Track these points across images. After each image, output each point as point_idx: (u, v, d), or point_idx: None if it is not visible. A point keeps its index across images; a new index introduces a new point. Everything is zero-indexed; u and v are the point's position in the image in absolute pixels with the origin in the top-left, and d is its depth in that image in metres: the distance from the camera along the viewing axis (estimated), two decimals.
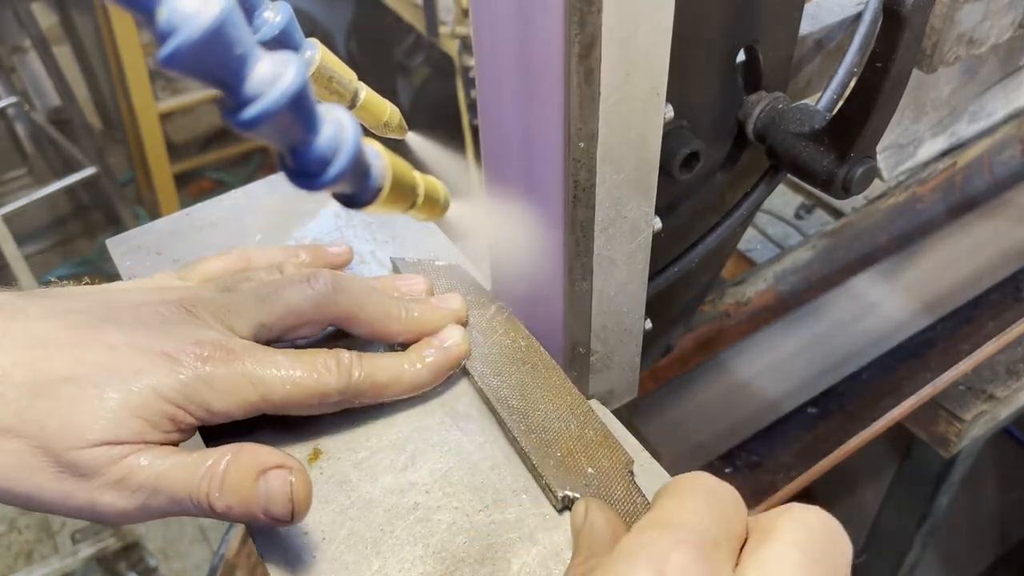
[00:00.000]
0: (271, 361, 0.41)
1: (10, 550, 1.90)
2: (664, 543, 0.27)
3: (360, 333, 0.46)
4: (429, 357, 0.45)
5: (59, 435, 0.36)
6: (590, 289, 0.42)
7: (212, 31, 0.24)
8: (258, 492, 0.37)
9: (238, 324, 0.42)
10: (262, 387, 0.40)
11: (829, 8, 0.54)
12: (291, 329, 0.44)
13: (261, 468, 0.37)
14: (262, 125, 0.27)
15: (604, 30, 0.33)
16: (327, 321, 0.45)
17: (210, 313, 0.42)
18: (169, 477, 0.37)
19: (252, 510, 0.37)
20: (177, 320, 0.41)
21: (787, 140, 0.46)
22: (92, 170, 2.04)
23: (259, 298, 0.43)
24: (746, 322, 0.85)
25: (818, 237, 0.91)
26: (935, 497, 0.95)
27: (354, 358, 0.43)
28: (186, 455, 0.38)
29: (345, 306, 0.44)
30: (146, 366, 0.38)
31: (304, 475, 0.38)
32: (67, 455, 0.36)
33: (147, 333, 0.40)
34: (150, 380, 0.38)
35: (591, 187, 0.38)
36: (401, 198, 0.37)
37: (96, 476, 0.37)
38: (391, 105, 0.50)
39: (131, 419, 0.37)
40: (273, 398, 0.40)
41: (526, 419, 0.44)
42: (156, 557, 1.81)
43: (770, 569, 0.27)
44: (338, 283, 0.45)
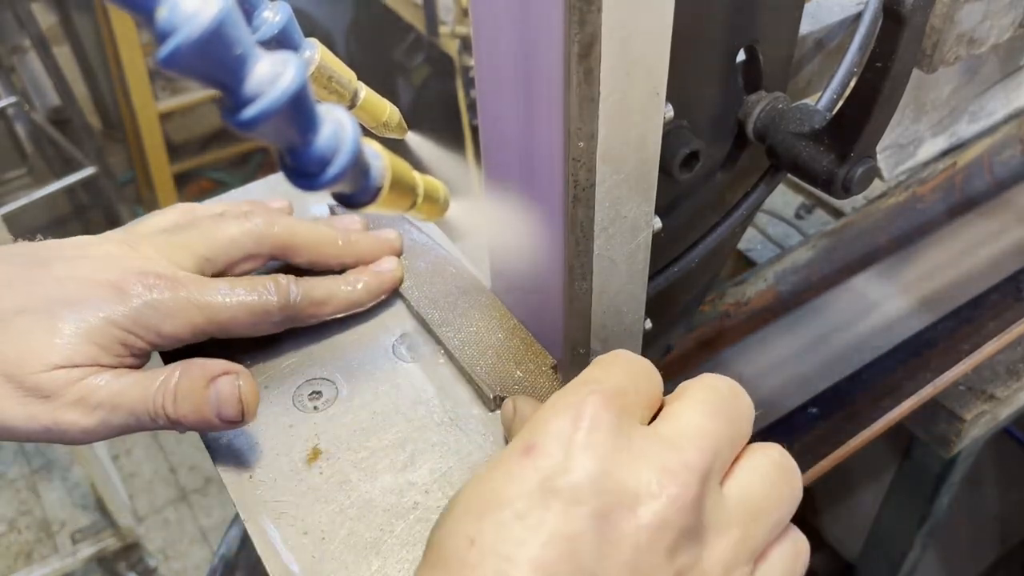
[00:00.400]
0: (214, 287, 0.44)
1: (10, 550, 1.90)
2: (581, 393, 0.30)
3: (298, 262, 0.49)
4: (363, 278, 0.49)
5: (19, 362, 0.39)
6: (590, 289, 0.42)
7: (211, 31, 0.24)
8: (209, 397, 0.40)
9: (182, 259, 0.45)
10: (207, 309, 0.43)
11: (829, 8, 0.54)
12: (234, 262, 0.47)
13: (210, 375, 0.40)
14: (261, 125, 0.27)
15: (604, 30, 0.33)
16: (266, 252, 0.48)
17: (154, 249, 0.45)
18: (126, 394, 0.40)
19: (205, 415, 0.40)
20: (122, 255, 0.44)
21: (787, 140, 0.46)
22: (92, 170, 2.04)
23: (201, 234, 0.46)
24: (746, 322, 0.85)
25: (818, 237, 0.91)
26: (935, 497, 0.95)
27: (291, 279, 0.46)
28: (140, 374, 0.42)
29: (280, 235, 0.47)
30: (94, 295, 0.41)
31: (250, 378, 0.41)
32: (28, 379, 0.39)
33: (94, 267, 0.42)
34: (100, 308, 0.41)
35: (591, 187, 0.38)
36: (401, 198, 0.37)
37: (57, 396, 0.39)
38: (391, 105, 0.50)
39: (85, 344, 0.40)
40: (219, 318, 0.43)
41: (459, 334, 0.49)
42: (156, 557, 1.81)
43: (680, 421, 0.30)
44: (274, 216, 0.48)
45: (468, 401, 0.47)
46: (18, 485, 2.02)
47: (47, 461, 2.06)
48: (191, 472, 2.06)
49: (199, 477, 2.04)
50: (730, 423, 0.31)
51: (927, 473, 0.94)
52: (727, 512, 0.30)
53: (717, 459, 0.30)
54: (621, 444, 0.29)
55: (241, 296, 0.44)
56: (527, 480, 0.28)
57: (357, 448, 0.45)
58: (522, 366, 0.47)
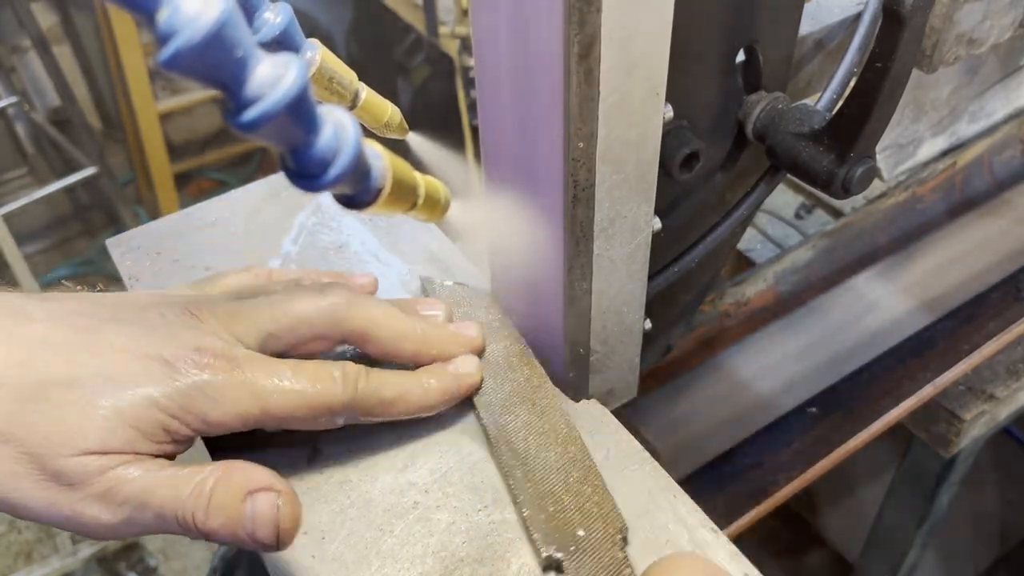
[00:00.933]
0: (274, 371, 0.39)
1: (10, 550, 1.90)
2: None
3: (372, 352, 0.44)
4: (439, 380, 0.44)
5: (47, 441, 0.35)
6: (590, 289, 0.42)
7: (213, 33, 0.24)
8: (244, 514, 0.35)
9: (245, 333, 0.40)
10: (263, 398, 0.38)
11: (829, 8, 0.54)
12: (301, 342, 0.42)
13: (249, 489, 0.36)
14: (263, 127, 0.27)
15: (604, 30, 0.33)
16: (339, 337, 0.43)
17: (216, 319, 0.40)
18: (156, 492, 0.36)
19: (238, 532, 0.36)
20: (181, 324, 0.40)
21: (787, 140, 0.46)
22: (92, 170, 2.04)
23: (269, 306, 0.42)
24: (746, 322, 0.85)
25: (818, 237, 0.91)
26: (935, 497, 0.95)
27: (361, 371, 0.41)
28: (176, 469, 0.37)
29: (358, 321, 0.43)
30: (142, 372, 0.37)
31: (293, 500, 0.36)
32: (53, 463, 0.35)
33: (148, 337, 0.38)
34: (145, 387, 0.37)
35: (591, 187, 0.38)
36: (402, 199, 0.37)
37: (82, 487, 0.36)
38: (392, 105, 0.50)
39: (122, 427, 0.36)
40: (274, 411, 0.39)
41: (525, 465, 0.43)
42: (156, 557, 1.81)
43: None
44: (353, 298, 0.43)
45: (461, 408, 0.47)
46: None
47: None
48: None
49: None
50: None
51: (927, 473, 0.94)
52: None
53: None
54: None
55: (303, 384, 0.39)
56: None
57: (357, 448, 0.45)
58: (587, 525, 0.40)
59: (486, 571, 0.39)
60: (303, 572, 0.39)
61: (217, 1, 0.24)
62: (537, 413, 0.45)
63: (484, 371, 0.47)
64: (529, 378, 0.47)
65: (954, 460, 0.90)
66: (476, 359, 0.46)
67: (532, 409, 0.45)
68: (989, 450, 1.09)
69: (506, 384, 0.46)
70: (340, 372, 0.40)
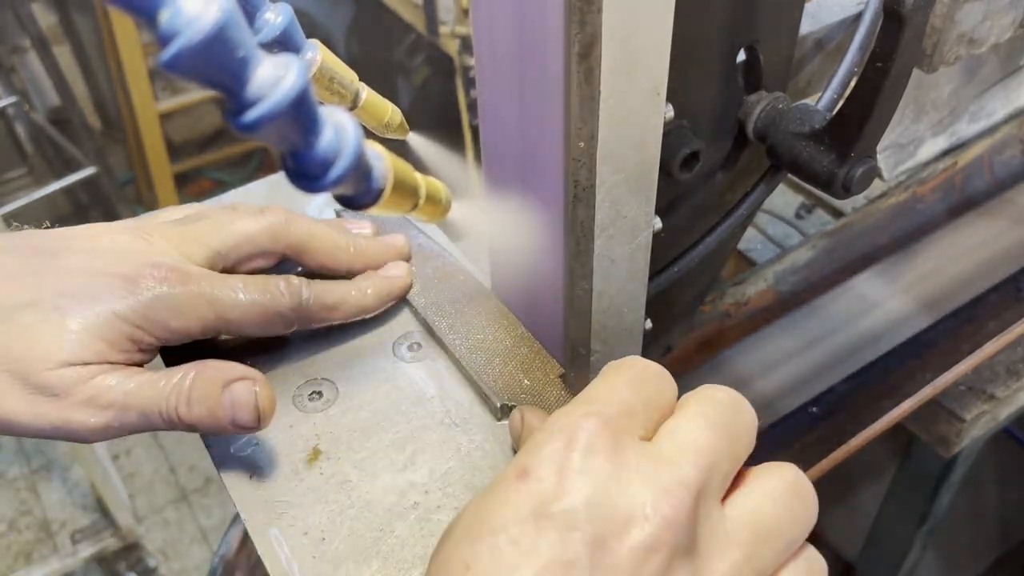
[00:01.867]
0: (226, 283, 0.43)
1: (10, 550, 1.90)
2: (576, 415, 0.30)
3: (310, 264, 0.48)
4: (374, 284, 0.49)
5: (26, 358, 0.38)
6: (590, 289, 0.42)
7: (214, 34, 0.24)
8: (224, 402, 0.39)
9: (194, 251, 0.44)
10: (218, 306, 0.42)
11: (829, 8, 0.54)
12: (245, 258, 0.46)
13: (226, 380, 0.39)
14: (263, 128, 0.27)
15: (604, 30, 0.33)
16: (280, 251, 0.47)
17: (166, 240, 0.44)
18: (137, 394, 0.39)
19: (220, 420, 0.39)
20: (133, 246, 0.43)
21: (787, 140, 0.46)
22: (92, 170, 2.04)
23: (214, 226, 0.45)
24: (746, 322, 0.85)
25: (818, 237, 0.91)
26: (935, 497, 0.95)
27: (304, 281, 0.45)
28: (152, 373, 0.40)
29: (296, 235, 0.47)
30: (104, 289, 0.40)
31: (267, 384, 0.40)
32: (36, 377, 0.38)
33: (103, 258, 0.41)
34: (108, 302, 0.40)
35: (591, 187, 0.38)
36: (403, 200, 0.37)
37: (67, 395, 0.38)
38: (392, 106, 0.50)
39: (93, 340, 0.39)
40: (229, 316, 0.43)
41: (466, 341, 0.48)
42: (156, 557, 1.81)
43: (678, 436, 0.30)
44: (290, 216, 0.47)
45: (469, 402, 0.47)
46: (18, 485, 2.02)
47: (47, 461, 2.06)
48: (191, 472, 2.06)
49: (199, 477, 2.04)
50: (730, 437, 0.31)
51: (927, 473, 0.94)
52: (728, 531, 0.29)
53: (715, 475, 0.29)
54: (616, 466, 0.28)
55: (253, 295, 0.43)
56: (521, 505, 0.28)
57: (357, 448, 0.45)
58: (529, 374, 0.47)
59: None
60: (303, 572, 0.39)
61: (218, 2, 0.24)
62: (470, 300, 0.51)
63: (417, 285, 0.52)
64: (463, 280, 0.52)
65: (954, 460, 0.90)
66: (406, 264, 0.51)
67: (464, 297, 0.51)
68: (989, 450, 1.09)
69: (440, 292, 0.52)
70: (285, 283, 0.45)
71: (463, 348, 0.48)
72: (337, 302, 0.47)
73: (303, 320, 0.46)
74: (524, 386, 0.46)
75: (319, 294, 0.46)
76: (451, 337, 0.49)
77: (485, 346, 0.48)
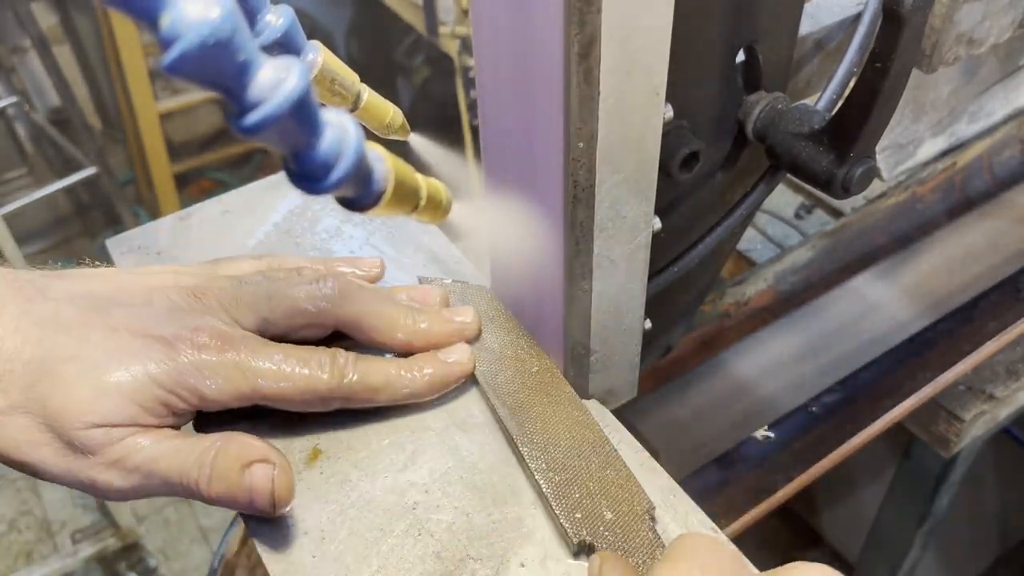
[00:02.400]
0: (266, 354, 0.41)
1: (10, 550, 1.90)
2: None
3: (364, 340, 0.46)
4: (428, 368, 0.45)
5: (60, 414, 0.38)
6: (590, 289, 0.43)
7: (215, 38, 0.24)
8: (244, 483, 0.39)
9: (244, 316, 0.43)
10: (253, 378, 0.41)
11: (829, 8, 0.54)
12: (296, 328, 0.44)
13: (247, 460, 0.39)
14: (265, 131, 0.27)
15: (604, 30, 0.33)
16: (331, 324, 0.45)
17: (218, 302, 0.43)
18: (162, 461, 0.39)
19: (238, 499, 0.39)
20: (184, 306, 0.42)
21: (787, 140, 0.47)
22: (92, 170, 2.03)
23: (268, 294, 0.44)
24: (746, 322, 0.85)
25: (818, 237, 0.92)
26: (935, 497, 0.95)
27: (351, 358, 0.43)
28: (180, 440, 0.40)
29: (351, 310, 0.45)
30: (142, 350, 0.40)
31: (286, 471, 0.39)
32: (68, 433, 0.38)
33: (151, 318, 0.41)
34: (145, 364, 0.39)
35: (591, 187, 0.38)
36: (404, 201, 0.37)
37: (95, 455, 0.39)
38: (393, 107, 0.50)
39: (126, 403, 0.39)
40: (265, 391, 0.41)
41: (546, 455, 0.43)
42: (156, 557, 1.81)
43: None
44: (347, 288, 0.45)
45: (469, 402, 0.47)
46: (18, 485, 2.02)
47: None
48: None
49: None
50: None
51: (927, 473, 0.94)
52: None
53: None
54: None
55: (292, 368, 0.41)
56: None
57: (357, 448, 0.45)
58: (615, 508, 0.41)
59: (487, 571, 0.39)
60: (303, 572, 0.39)
61: (219, 5, 0.24)
62: (552, 402, 0.46)
63: (489, 360, 0.47)
64: (540, 370, 0.48)
65: (954, 460, 0.90)
66: (468, 347, 0.47)
67: (546, 399, 0.46)
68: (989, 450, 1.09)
69: (515, 374, 0.47)
70: (329, 357, 0.42)
71: (542, 463, 0.42)
72: (383, 385, 0.44)
73: (344, 400, 0.43)
74: (607, 520, 0.40)
75: (364, 374, 0.43)
76: (528, 449, 0.43)
77: (566, 462, 0.43)
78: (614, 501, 0.41)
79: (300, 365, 0.42)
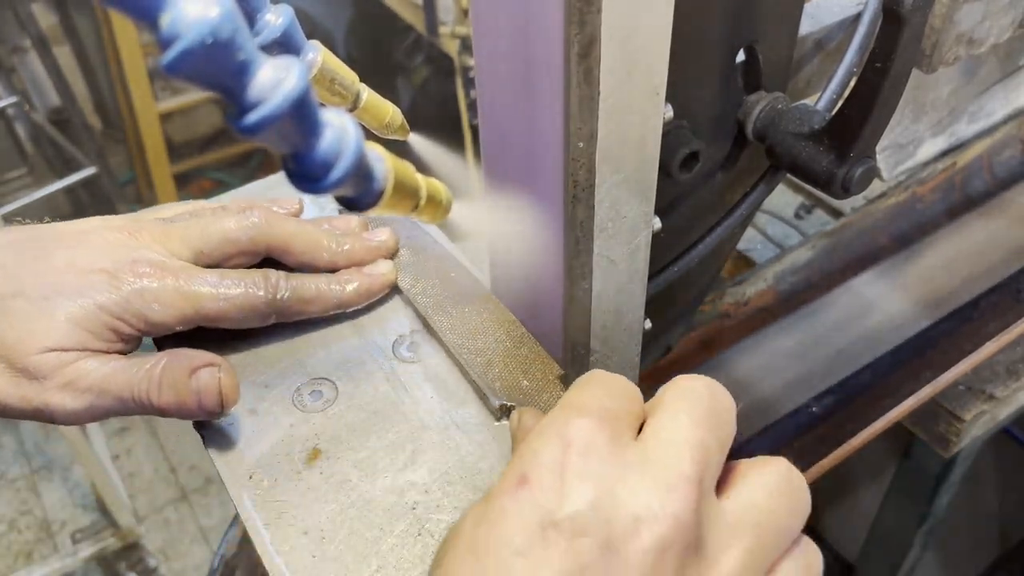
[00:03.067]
0: (203, 278, 0.45)
1: (10, 550, 1.90)
2: (566, 417, 0.30)
3: (291, 263, 0.49)
4: (354, 282, 0.50)
5: (13, 344, 0.41)
6: (590, 289, 0.43)
7: (215, 37, 0.24)
8: (191, 387, 0.42)
9: (178, 249, 0.46)
10: (194, 300, 0.44)
11: (829, 8, 0.54)
12: (227, 257, 0.48)
13: (193, 367, 0.42)
14: (264, 131, 0.27)
15: (604, 30, 0.33)
16: (261, 251, 0.48)
17: (152, 237, 0.46)
18: (112, 379, 0.42)
19: (187, 404, 0.42)
20: (119, 243, 0.45)
21: (787, 140, 0.47)
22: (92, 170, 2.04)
23: (198, 225, 0.47)
24: (746, 322, 0.85)
25: (818, 237, 0.91)
26: (935, 497, 0.95)
27: (281, 276, 0.47)
28: (128, 360, 0.43)
29: (278, 235, 0.48)
30: (87, 283, 0.43)
31: (231, 370, 0.43)
32: (21, 361, 0.41)
33: (90, 255, 0.44)
34: (91, 295, 0.42)
35: (591, 187, 0.38)
36: (404, 201, 0.37)
37: (47, 379, 0.41)
38: (393, 107, 0.50)
39: (75, 329, 0.42)
40: (205, 310, 0.45)
41: (466, 341, 0.49)
42: (156, 557, 1.81)
43: (666, 433, 0.30)
44: (272, 217, 0.49)
45: (468, 401, 0.47)
46: (18, 485, 2.03)
47: (47, 461, 2.07)
48: (191, 472, 2.06)
49: (199, 477, 2.04)
50: (716, 427, 0.31)
51: (927, 473, 0.94)
52: (730, 524, 0.29)
53: (709, 467, 0.29)
54: (615, 467, 0.28)
55: (229, 288, 0.45)
56: (525, 514, 0.28)
57: (357, 448, 0.45)
58: (529, 375, 0.47)
59: None
60: (303, 572, 0.39)
61: (218, 4, 0.24)
62: (466, 298, 0.51)
63: (415, 280, 0.52)
64: (457, 275, 0.52)
65: (954, 460, 0.90)
66: (389, 261, 0.52)
67: (461, 296, 0.51)
68: (989, 450, 1.09)
69: (435, 283, 0.52)
70: (262, 276, 0.46)
71: (463, 349, 0.48)
72: (314, 296, 0.48)
73: (280, 313, 0.47)
74: (523, 387, 0.46)
75: (296, 288, 0.47)
76: (450, 336, 0.49)
77: (485, 347, 0.48)
78: (528, 371, 0.47)
79: (235, 285, 0.45)
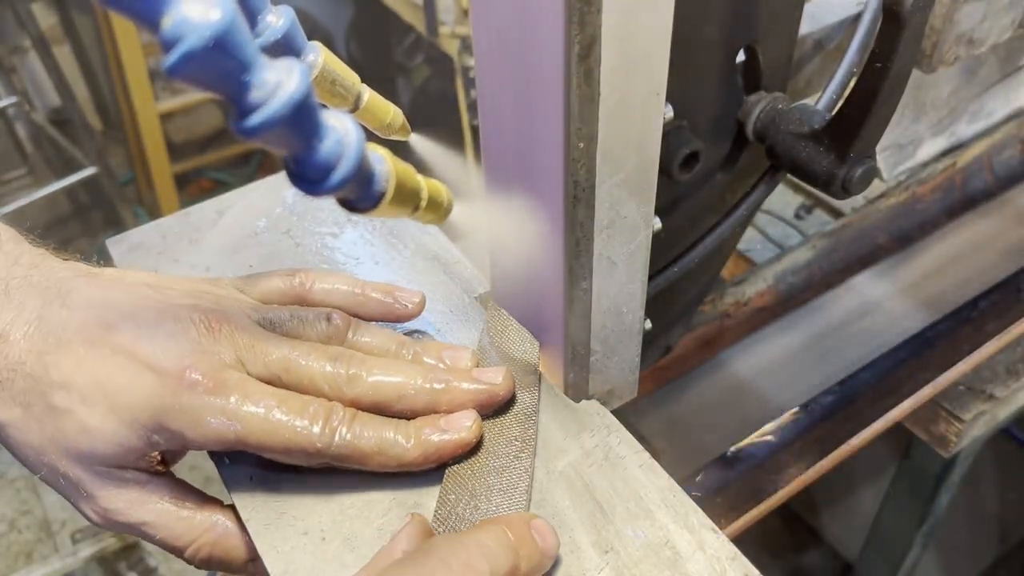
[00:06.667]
0: (258, 399, 0.39)
1: (10, 550, 1.90)
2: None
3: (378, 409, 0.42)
4: (424, 436, 0.41)
5: (51, 441, 0.40)
6: (590, 289, 0.43)
7: (217, 39, 0.24)
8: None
9: (252, 364, 0.41)
10: (238, 426, 0.38)
11: (829, 8, 0.54)
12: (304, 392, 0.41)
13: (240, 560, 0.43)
14: (266, 133, 0.27)
15: (604, 30, 0.33)
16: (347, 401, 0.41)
17: (230, 341, 0.41)
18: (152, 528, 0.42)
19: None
20: (193, 335, 0.40)
21: (787, 140, 0.47)
22: (92, 170, 2.03)
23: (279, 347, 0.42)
24: (746, 322, 0.85)
25: (818, 237, 0.92)
26: (935, 497, 0.96)
27: (346, 417, 0.40)
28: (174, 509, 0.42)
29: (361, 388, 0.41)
30: (133, 382, 0.38)
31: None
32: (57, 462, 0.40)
33: (154, 344, 0.39)
34: (130, 402, 0.38)
35: (591, 187, 0.38)
36: (405, 203, 0.37)
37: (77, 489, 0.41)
38: (394, 107, 0.50)
39: (109, 446, 0.39)
40: (249, 440, 0.39)
41: None
42: (156, 557, 1.81)
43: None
44: (362, 363, 0.42)
45: None
46: (18, 485, 2.02)
47: None
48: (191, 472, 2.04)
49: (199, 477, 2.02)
50: None
51: (926, 473, 0.94)
52: None
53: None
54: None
55: (280, 418, 0.39)
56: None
57: None
58: None
59: None
60: (303, 572, 0.39)
61: (220, 7, 0.24)
62: None
63: None
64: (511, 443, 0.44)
65: (954, 460, 0.90)
66: (475, 415, 0.42)
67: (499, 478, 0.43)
68: (989, 450, 1.09)
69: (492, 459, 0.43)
70: (324, 415, 0.39)
71: None
72: (373, 452, 0.40)
73: (332, 460, 0.40)
74: None
75: (356, 437, 0.40)
76: None
77: None
78: None
79: (291, 416, 0.39)
